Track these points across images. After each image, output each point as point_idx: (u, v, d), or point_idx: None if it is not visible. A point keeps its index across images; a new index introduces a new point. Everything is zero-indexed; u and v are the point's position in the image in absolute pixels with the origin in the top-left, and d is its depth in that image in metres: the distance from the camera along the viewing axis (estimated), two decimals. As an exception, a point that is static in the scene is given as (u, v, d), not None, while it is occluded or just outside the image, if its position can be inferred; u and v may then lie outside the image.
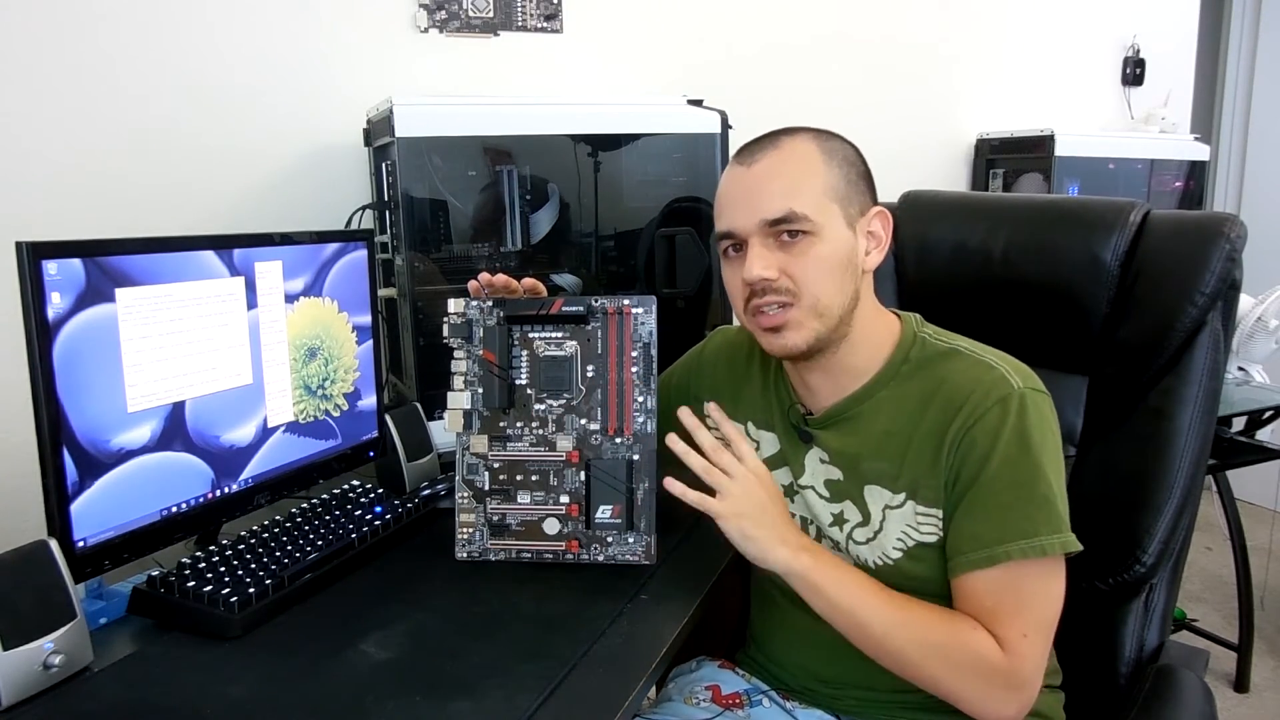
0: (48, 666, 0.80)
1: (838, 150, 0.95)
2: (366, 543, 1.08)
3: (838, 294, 0.92)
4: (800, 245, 0.91)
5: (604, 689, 0.81)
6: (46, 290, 0.85)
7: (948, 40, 2.43)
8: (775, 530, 0.91)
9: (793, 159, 0.93)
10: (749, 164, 0.94)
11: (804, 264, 0.91)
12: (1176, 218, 1.13)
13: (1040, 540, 0.86)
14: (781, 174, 0.92)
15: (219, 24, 1.47)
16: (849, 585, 0.90)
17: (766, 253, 0.91)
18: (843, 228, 0.92)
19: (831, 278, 0.91)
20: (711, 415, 0.99)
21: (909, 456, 0.93)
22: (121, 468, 0.93)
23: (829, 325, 0.92)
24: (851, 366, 0.97)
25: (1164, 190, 2.73)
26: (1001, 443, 0.88)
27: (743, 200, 0.93)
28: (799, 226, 0.90)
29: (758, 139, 0.96)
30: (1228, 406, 1.99)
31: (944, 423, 0.91)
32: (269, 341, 1.10)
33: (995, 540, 0.87)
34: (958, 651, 0.87)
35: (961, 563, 0.89)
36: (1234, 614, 2.28)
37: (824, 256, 0.91)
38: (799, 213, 0.90)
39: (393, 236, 1.45)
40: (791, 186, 0.91)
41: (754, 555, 0.91)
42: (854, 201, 0.94)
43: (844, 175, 0.93)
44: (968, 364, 0.94)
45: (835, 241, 0.92)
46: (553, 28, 1.78)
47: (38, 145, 1.32)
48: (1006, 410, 0.89)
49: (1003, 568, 0.86)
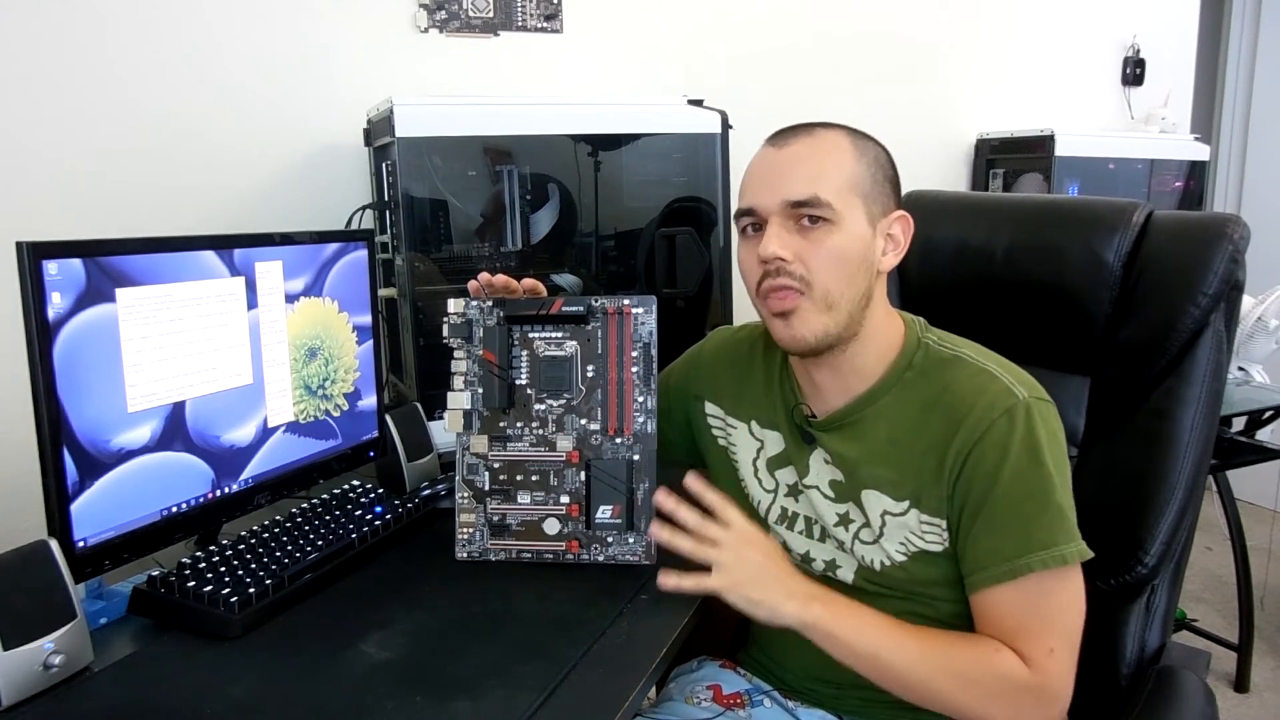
0: (48, 666, 0.80)
1: (869, 149, 0.95)
2: (366, 543, 1.08)
3: (848, 287, 0.92)
4: (818, 233, 0.91)
5: (604, 689, 0.81)
6: (47, 290, 0.85)
7: (948, 40, 2.43)
8: (779, 587, 0.90)
9: (824, 147, 0.93)
10: (781, 146, 0.94)
11: (819, 251, 0.91)
12: (1179, 218, 1.13)
13: (1061, 549, 0.85)
14: (811, 159, 0.92)
15: (219, 24, 1.47)
16: (867, 628, 0.89)
17: (785, 234, 0.91)
18: (863, 223, 0.93)
19: (844, 270, 0.91)
20: (691, 488, 0.96)
21: (912, 465, 0.93)
22: (122, 468, 0.93)
23: (839, 322, 0.92)
24: (861, 366, 0.97)
25: (1164, 190, 2.73)
26: (1012, 455, 0.87)
27: (769, 179, 0.93)
28: (820, 213, 0.90)
29: (792, 126, 0.97)
30: (1228, 406, 1.99)
31: (948, 433, 0.91)
32: (269, 341, 1.10)
33: (1015, 553, 0.86)
34: (985, 676, 0.86)
35: (983, 578, 0.88)
36: (1234, 614, 2.28)
37: (840, 248, 0.91)
38: (822, 199, 0.90)
39: (393, 236, 1.45)
40: (819, 172, 0.91)
41: (765, 619, 0.90)
42: (878, 201, 0.94)
43: (871, 174, 0.94)
44: (971, 372, 0.94)
45: (853, 235, 0.92)
46: (553, 28, 1.78)
47: (38, 145, 1.32)
48: (1014, 422, 0.88)
49: (1025, 580, 0.86)
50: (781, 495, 1.04)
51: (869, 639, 0.88)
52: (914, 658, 0.87)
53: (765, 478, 1.06)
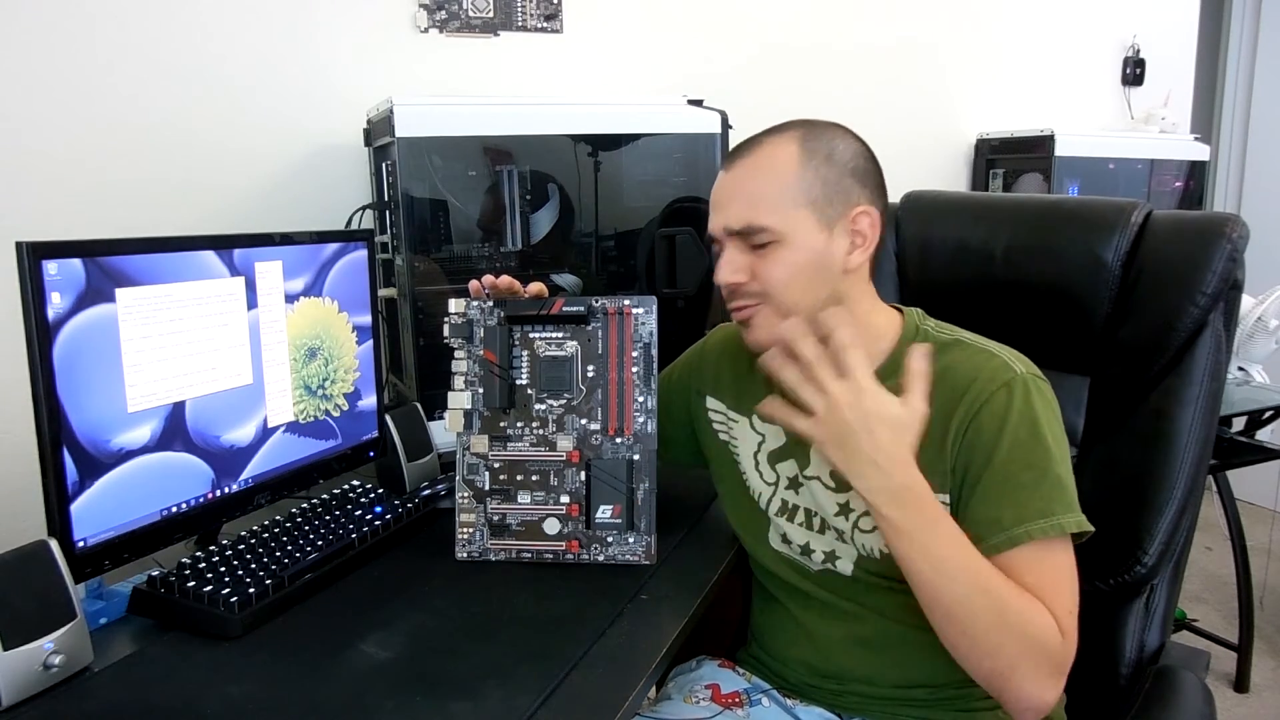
0: (48, 666, 0.80)
1: (822, 147, 0.95)
2: (366, 543, 1.08)
3: (805, 296, 0.94)
4: (768, 251, 0.94)
5: (604, 689, 0.81)
6: (46, 290, 0.85)
7: (948, 40, 2.43)
8: (859, 460, 0.85)
9: (764, 167, 0.95)
10: (727, 169, 0.98)
11: (770, 267, 0.94)
12: (1178, 218, 1.13)
13: (1058, 519, 0.85)
14: (750, 181, 0.95)
15: (219, 24, 1.47)
16: (942, 536, 0.85)
17: (737, 255, 0.96)
18: (814, 232, 0.94)
19: (798, 281, 0.94)
20: (827, 323, 0.88)
21: (916, 443, 0.93)
22: (121, 468, 0.93)
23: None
24: None
25: (1164, 190, 2.73)
26: (1010, 426, 0.88)
27: (718, 204, 0.98)
28: (760, 239, 0.94)
29: (747, 139, 0.99)
30: (1228, 406, 1.99)
31: (948, 409, 0.91)
32: (269, 341, 1.10)
33: (1014, 522, 0.86)
34: (1032, 625, 0.83)
35: (981, 549, 0.88)
36: (1234, 614, 2.28)
37: (791, 262, 0.94)
38: (758, 225, 0.93)
39: (393, 236, 1.45)
40: (757, 195, 0.94)
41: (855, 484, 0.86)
42: (834, 202, 0.94)
43: (823, 176, 0.94)
44: (970, 353, 0.95)
45: (804, 248, 0.94)
46: (553, 28, 1.78)
47: (38, 145, 1.32)
48: (1012, 394, 0.89)
49: (1024, 549, 0.86)
50: (782, 488, 1.05)
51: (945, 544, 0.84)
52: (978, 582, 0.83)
53: (766, 470, 1.06)
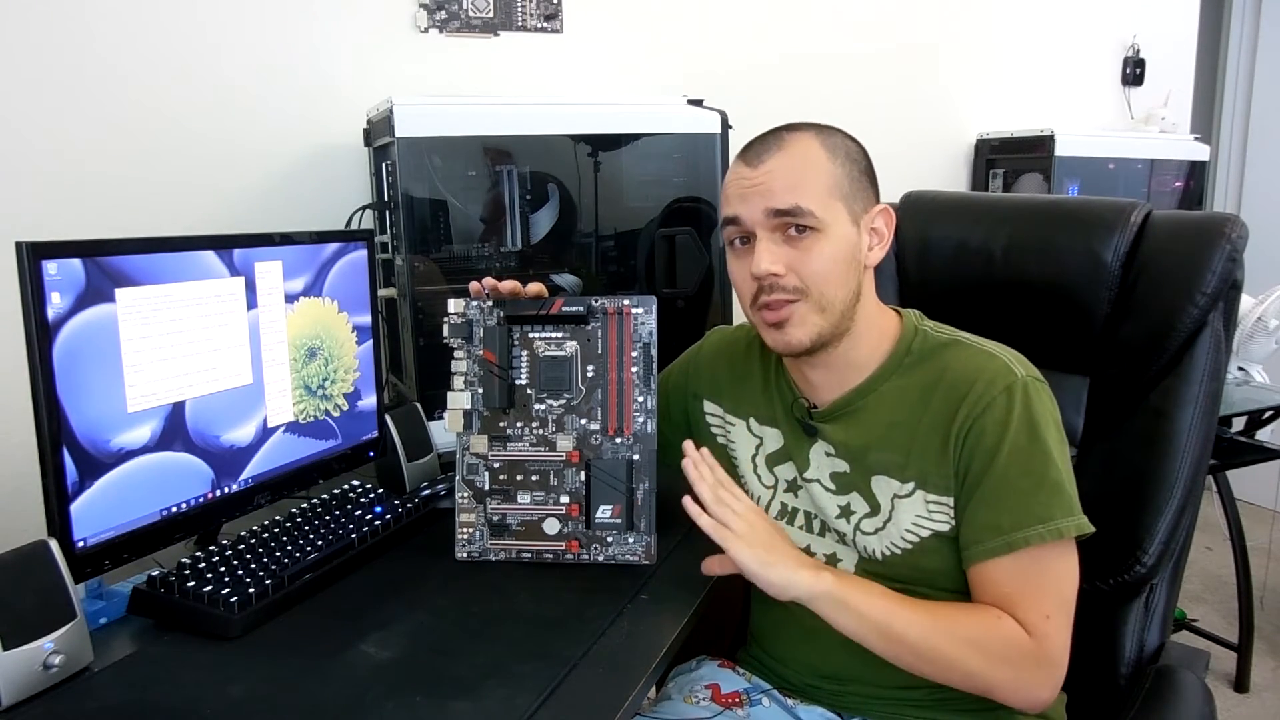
0: (48, 666, 0.80)
1: (840, 146, 0.95)
2: (366, 543, 1.08)
3: (842, 289, 0.93)
4: (807, 241, 0.92)
5: (604, 689, 0.81)
6: (46, 290, 0.85)
7: (948, 40, 2.43)
8: (791, 557, 0.91)
9: (797, 157, 0.93)
10: (755, 164, 0.94)
11: (810, 260, 0.92)
12: (1177, 218, 1.13)
13: (1057, 523, 0.87)
14: (788, 172, 0.92)
15: (219, 24, 1.47)
16: (877, 597, 0.90)
17: (774, 247, 0.92)
18: (848, 225, 0.93)
19: (835, 274, 0.93)
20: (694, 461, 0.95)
21: (915, 447, 0.94)
22: (121, 468, 0.93)
23: (832, 321, 0.94)
24: (854, 361, 0.98)
25: (1164, 190, 2.73)
26: (1011, 432, 0.89)
27: (749, 193, 0.93)
28: (805, 222, 0.91)
29: (761, 137, 0.97)
30: (1228, 406, 1.99)
31: (949, 412, 0.92)
32: (269, 341, 1.10)
33: (1012, 527, 0.87)
34: (992, 642, 0.87)
35: (979, 552, 0.89)
36: (1234, 614, 2.28)
37: (831, 255, 0.92)
38: (805, 208, 0.91)
39: (393, 236, 1.45)
40: (798, 183, 0.92)
41: (777, 582, 0.89)
42: (858, 198, 0.95)
43: (847, 172, 0.94)
44: (969, 353, 0.95)
45: (841, 239, 0.93)
46: (553, 28, 1.78)
47: (38, 145, 1.32)
48: (1012, 399, 0.90)
49: (1021, 554, 0.87)
50: (781, 491, 1.05)
51: (879, 608, 0.89)
52: (924, 626, 0.88)
53: (764, 474, 1.06)
